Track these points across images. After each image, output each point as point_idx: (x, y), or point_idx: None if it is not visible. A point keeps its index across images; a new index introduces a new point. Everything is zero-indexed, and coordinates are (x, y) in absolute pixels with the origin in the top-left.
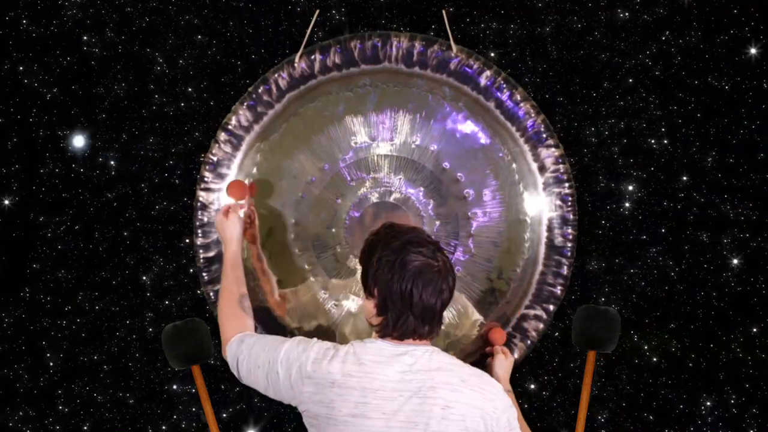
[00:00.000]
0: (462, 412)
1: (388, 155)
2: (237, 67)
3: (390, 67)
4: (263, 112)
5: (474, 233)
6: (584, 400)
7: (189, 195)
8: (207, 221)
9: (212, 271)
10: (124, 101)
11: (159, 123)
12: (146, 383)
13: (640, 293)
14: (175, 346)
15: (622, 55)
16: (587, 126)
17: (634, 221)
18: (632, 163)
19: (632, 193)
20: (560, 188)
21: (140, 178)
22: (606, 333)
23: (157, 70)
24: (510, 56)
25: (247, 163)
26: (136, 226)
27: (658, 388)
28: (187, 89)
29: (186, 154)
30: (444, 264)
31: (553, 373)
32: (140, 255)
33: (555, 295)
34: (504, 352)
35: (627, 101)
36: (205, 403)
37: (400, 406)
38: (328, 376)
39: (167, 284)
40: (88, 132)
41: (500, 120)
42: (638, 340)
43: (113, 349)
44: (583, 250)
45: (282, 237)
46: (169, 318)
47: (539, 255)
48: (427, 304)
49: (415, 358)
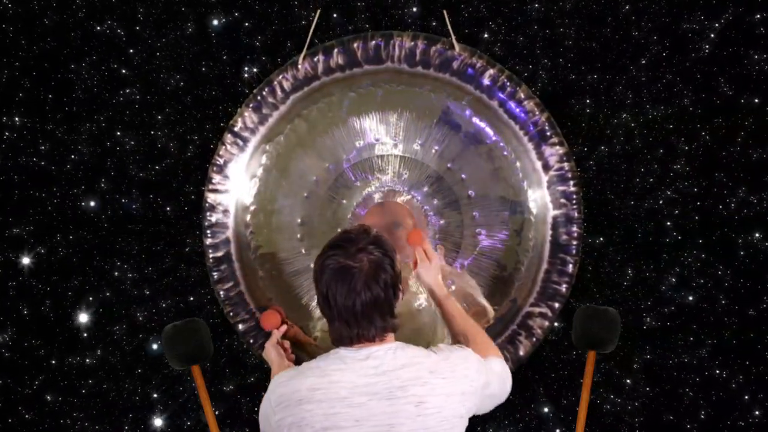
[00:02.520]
0: (437, 404)
1: (392, 155)
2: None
3: (393, 67)
4: (268, 113)
5: (478, 232)
6: (584, 400)
7: (197, 196)
8: (215, 222)
9: (221, 270)
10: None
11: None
12: (146, 383)
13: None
14: (175, 346)
15: (643, 47)
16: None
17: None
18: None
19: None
20: (565, 186)
21: (145, 179)
22: (606, 333)
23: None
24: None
25: (253, 165)
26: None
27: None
28: (191, 91)
29: (193, 157)
30: (367, 263)
31: (553, 373)
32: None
33: (560, 293)
34: (427, 257)
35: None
36: (205, 403)
37: (371, 410)
38: (294, 395)
39: (167, 284)
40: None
41: (503, 119)
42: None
43: (113, 348)
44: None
45: (288, 237)
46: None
47: (544, 253)
48: (344, 306)
49: (379, 360)
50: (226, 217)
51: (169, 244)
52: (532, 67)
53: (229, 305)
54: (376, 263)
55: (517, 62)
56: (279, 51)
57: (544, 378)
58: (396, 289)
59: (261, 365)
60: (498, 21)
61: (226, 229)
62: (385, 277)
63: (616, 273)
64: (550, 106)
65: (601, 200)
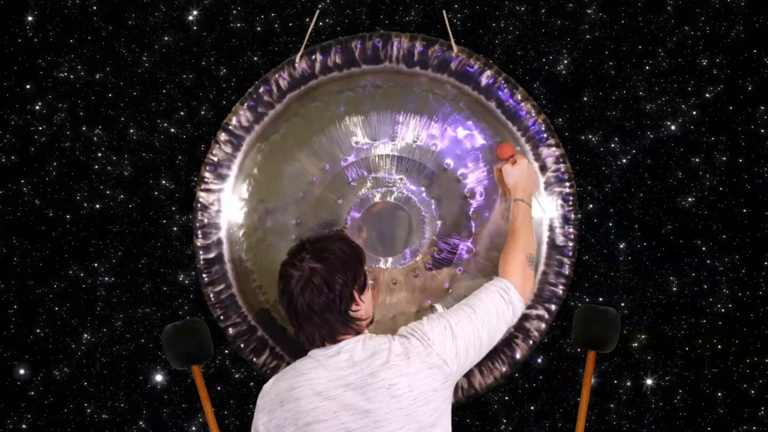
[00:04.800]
0: (407, 383)
1: (389, 155)
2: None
3: (391, 67)
4: (264, 112)
5: (476, 232)
6: (584, 400)
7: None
8: (207, 222)
9: (212, 272)
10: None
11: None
12: (145, 382)
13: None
14: (175, 346)
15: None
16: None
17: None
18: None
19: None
20: (561, 188)
21: (138, 178)
22: (606, 333)
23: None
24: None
25: (248, 164)
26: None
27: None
28: (186, 90)
29: (186, 156)
30: (309, 269)
31: (553, 372)
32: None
33: (557, 294)
34: (511, 162)
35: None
36: (205, 403)
37: (348, 400)
38: (275, 398)
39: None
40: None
41: (501, 120)
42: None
43: (110, 348)
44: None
45: (283, 237)
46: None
47: (541, 254)
48: (299, 311)
49: (349, 353)
50: (218, 218)
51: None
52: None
53: (219, 308)
54: (327, 268)
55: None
56: (276, 49)
57: (544, 378)
58: (348, 292)
59: None
60: (498, 21)
61: (218, 230)
62: (336, 280)
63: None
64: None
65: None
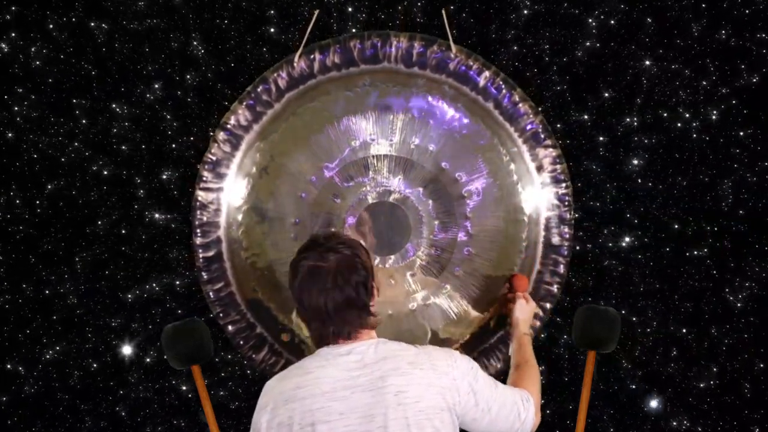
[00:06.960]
0: (416, 393)
1: (387, 155)
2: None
3: (389, 67)
4: (262, 111)
5: (472, 232)
6: (584, 400)
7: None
8: (206, 221)
9: (211, 270)
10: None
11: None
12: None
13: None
14: (175, 346)
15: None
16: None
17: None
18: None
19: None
20: (558, 188)
21: (135, 179)
22: (606, 333)
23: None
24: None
25: (247, 163)
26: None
27: None
28: (184, 89)
29: (183, 154)
30: (335, 262)
31: (553, 372)
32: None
33: (552, 293)
34: (525, 298)
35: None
36: (205, 403)
37: (355, 403)
38: (280, 396)
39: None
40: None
41: (499, 120)
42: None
43: (111, 347)
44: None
45: (282, 236)
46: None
47: (537, 254)
48: (315, 306)
49: (360, 355)
50: (217, 216)
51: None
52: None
53: (219, 306)
54: (345, 262)
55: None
56: (275, 48)
57: (544, 377)
58: (368, 286)
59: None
60: (498, 22)
61: (218, 229)
62: (355, 274)
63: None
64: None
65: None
